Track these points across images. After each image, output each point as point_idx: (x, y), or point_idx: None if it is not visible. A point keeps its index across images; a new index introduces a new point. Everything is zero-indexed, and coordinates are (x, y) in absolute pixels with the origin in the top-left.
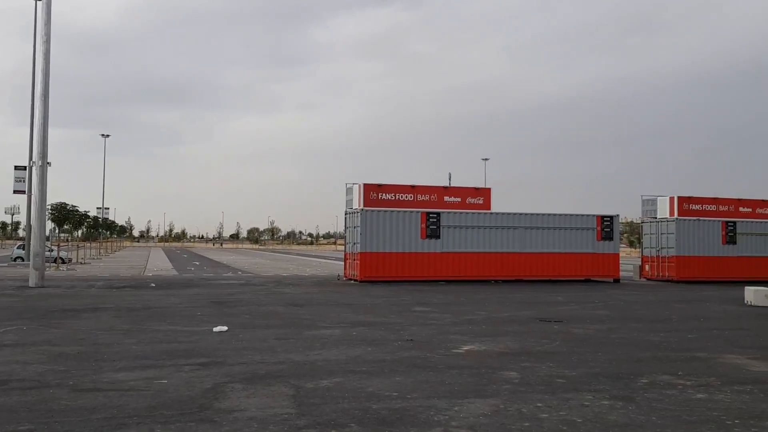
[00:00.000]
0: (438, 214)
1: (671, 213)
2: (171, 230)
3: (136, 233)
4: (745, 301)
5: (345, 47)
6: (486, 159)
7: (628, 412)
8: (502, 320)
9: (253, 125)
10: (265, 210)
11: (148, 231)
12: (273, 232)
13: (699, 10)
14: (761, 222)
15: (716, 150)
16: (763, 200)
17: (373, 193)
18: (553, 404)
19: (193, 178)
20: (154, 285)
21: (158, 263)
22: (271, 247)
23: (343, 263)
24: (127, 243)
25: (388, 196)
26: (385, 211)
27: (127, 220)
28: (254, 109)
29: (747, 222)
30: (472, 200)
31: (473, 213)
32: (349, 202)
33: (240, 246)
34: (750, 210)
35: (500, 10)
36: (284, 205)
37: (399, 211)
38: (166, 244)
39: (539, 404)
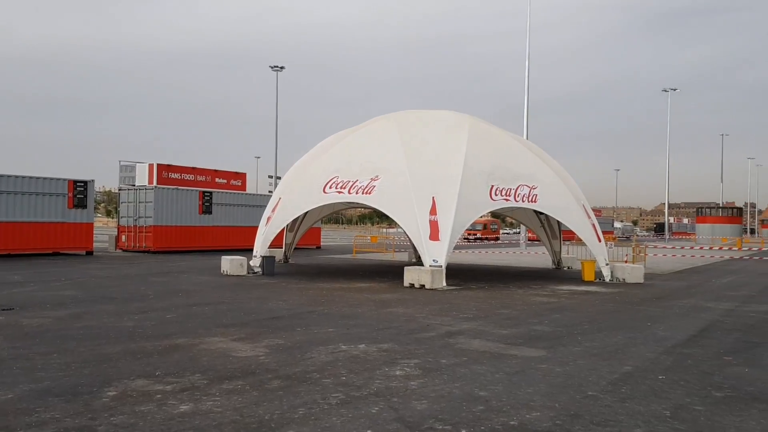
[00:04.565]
0: None
1: (150, 181)
2: None
3: None
4: (222, 271)
5: None
6: None
7: None
8: None
9: None
10: None
11: None
12: None
13: None
14: (235, 193)
15: (195, 122)
16: (236, 172)
17: None
18: None
19: None
20: None
21: None
22: None
23: None
24: None
25: None
26: None
27: None
28: None
29: (222, 192)
30: None
31: None
32: None
33: None
34: (225, 181)
35: None
36: None
37: None
38: None
39: None
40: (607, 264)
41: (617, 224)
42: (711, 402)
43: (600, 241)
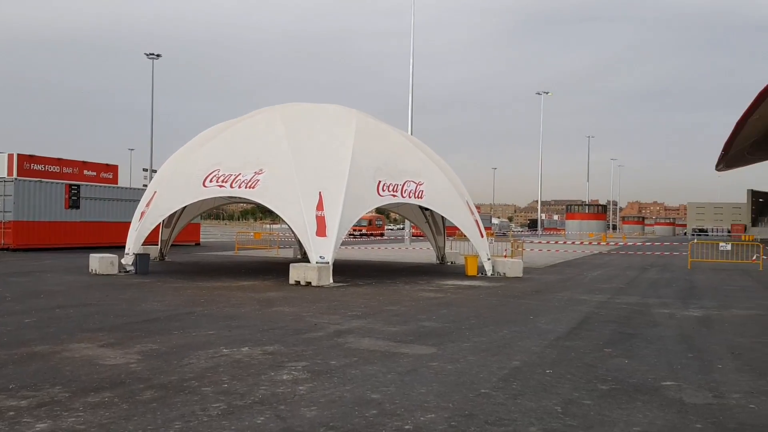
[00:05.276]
0: None
1: (10, 172)
2: None
3: None
4: (90, 270)
5: None
6: None
7: None
8: None
9: None
10: None
11: None
12: None
13: None
14: (105, 186)
15: (62, 112)
16: (107, 164)
17: None
18: None
19: None
20: None
21: None
22: None
23: None
24: None
25: None
26: None
27: None
28: None
29: (92, 186)
30: None
31: None
32: None
33: None
34: (95, 174)
35: None
36: None
37: None
38: None
39: None
40: (489, 259)
41: (495, 220)
42: (598, 395)
43: (482, 236)
